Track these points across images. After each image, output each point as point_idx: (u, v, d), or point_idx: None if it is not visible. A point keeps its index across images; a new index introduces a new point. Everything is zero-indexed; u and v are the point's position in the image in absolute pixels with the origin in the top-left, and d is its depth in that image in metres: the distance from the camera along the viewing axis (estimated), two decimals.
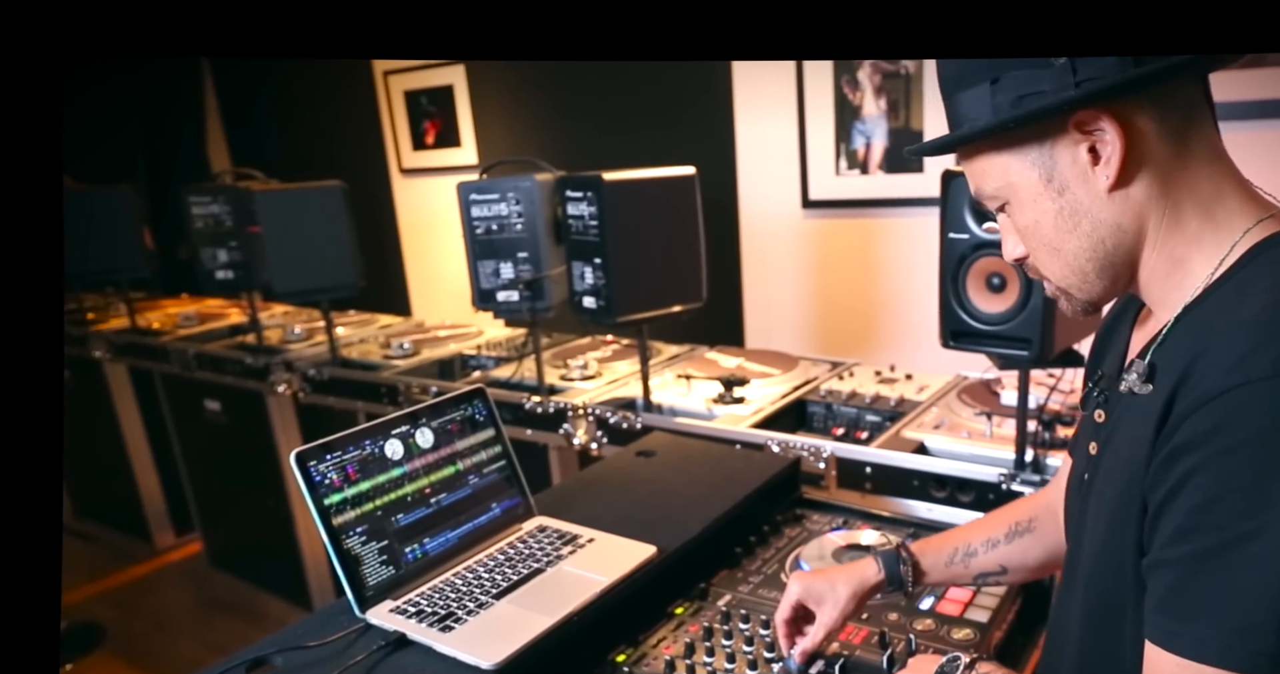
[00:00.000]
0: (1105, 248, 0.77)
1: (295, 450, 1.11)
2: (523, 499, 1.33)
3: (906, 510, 1.60)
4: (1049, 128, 0.75)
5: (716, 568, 1.29)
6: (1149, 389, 0.74)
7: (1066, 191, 0.76)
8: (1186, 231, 0.75)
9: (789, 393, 2.06)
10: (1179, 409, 0.68)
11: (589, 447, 2.11)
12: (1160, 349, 0.75)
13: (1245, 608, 0.62)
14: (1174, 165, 0.74)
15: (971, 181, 0.83)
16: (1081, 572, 0.82)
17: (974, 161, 0.81)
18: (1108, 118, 0.72)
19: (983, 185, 0.82)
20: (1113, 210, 0.75)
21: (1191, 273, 0.75)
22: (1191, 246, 0.75)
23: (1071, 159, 0.75)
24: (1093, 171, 0.74)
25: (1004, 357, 1.47)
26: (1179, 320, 0.75)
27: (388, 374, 2.56)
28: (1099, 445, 0.83)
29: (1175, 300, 0.76)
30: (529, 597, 1.13)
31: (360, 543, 1.13)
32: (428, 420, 1.25)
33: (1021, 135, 0.76)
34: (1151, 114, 0.73)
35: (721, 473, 1.46)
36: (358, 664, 1.01)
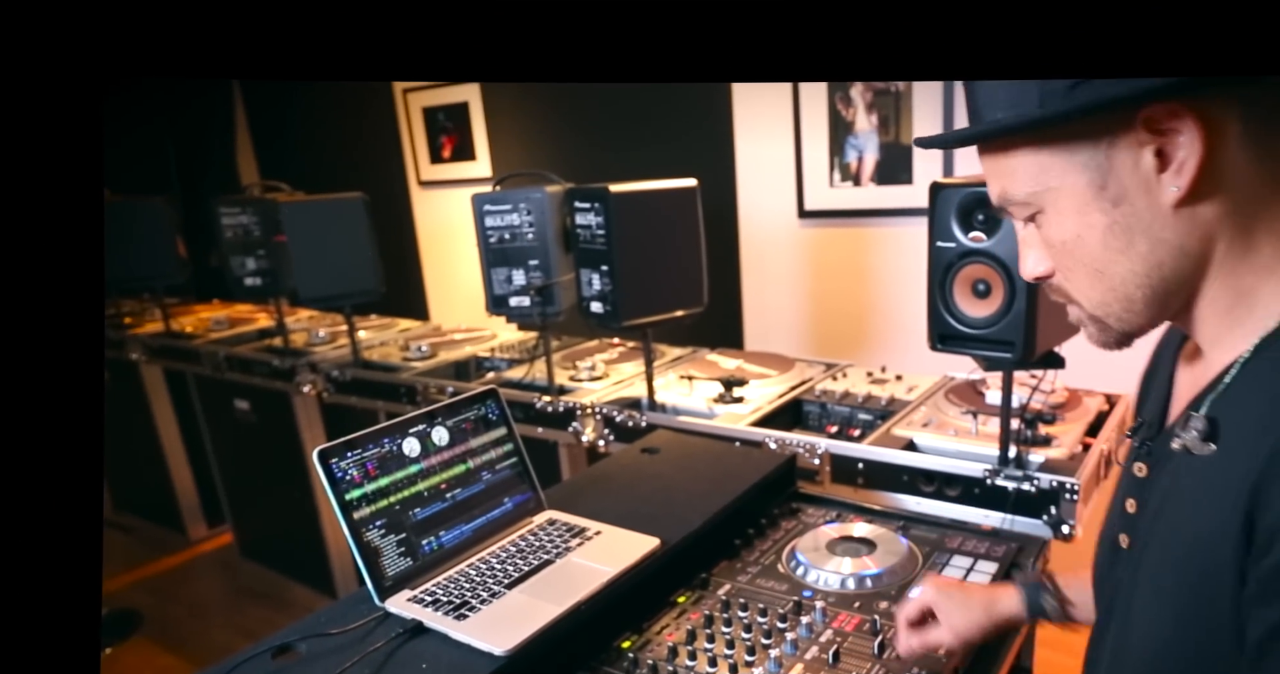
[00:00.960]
0: (1162, 273, 0.61)
1: (318, 448, 1.11)
2: (533, 494, 1.33)
3: (897, 504, 1.59)
4: (1111, 123, 0.59)
5: (717, 559, 1.29)
6: (1211, 450, 0.60)
7: (1123, 203, 0.60)
8: (1258, 259, 0.60)
9: (786, 393, 2.05)
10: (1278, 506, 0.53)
11: (596, 444, 2.10)
12: (1223, 401, 0.61)
13: None
14: (1254, 180, 0.58)
15: (995, 183, 0.67)
16: (1135, 660, 0.68)
17: (1004, 159, 0.64)
18: (1190, 115, 0.56)
19: (1012, 189, 0.65)
20: (1178, 229, 0.60)
21: (1257, 307, 0.61)
22: (1262, 277, 0.60)
23: (1134, 164, 0.59)
24: (1158, 180, 0.59)
25: (988, 359, 1.46)
26: (1247, 367, 0.60)
27: (406, 375, 2.56)
28: (1139, 504, 0.69)
29: (1234, 340, 0.62)
30: (539, 586, 1.12)
31: (379, 536, 1.13)
32: (443, 419, 1.25)
33: (1073, 130, 0.60)
34: (1238, 115, 0.57)
35: (721, 469, 1.45)
36: (377, 651, 1.01)
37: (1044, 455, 1.53)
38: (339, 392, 2.72)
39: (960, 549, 1.27)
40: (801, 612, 1.13)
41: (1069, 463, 1.51)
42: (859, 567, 1.22)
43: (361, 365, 2.73)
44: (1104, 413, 1.77)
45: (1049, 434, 1.60)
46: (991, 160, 0.66)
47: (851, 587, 1.19)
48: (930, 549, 1.27)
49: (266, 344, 3.15)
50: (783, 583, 1.21)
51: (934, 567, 1.23)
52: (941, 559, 1.24)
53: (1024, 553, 1.26)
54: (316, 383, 2.76)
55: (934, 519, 1.38)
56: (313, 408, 2.98)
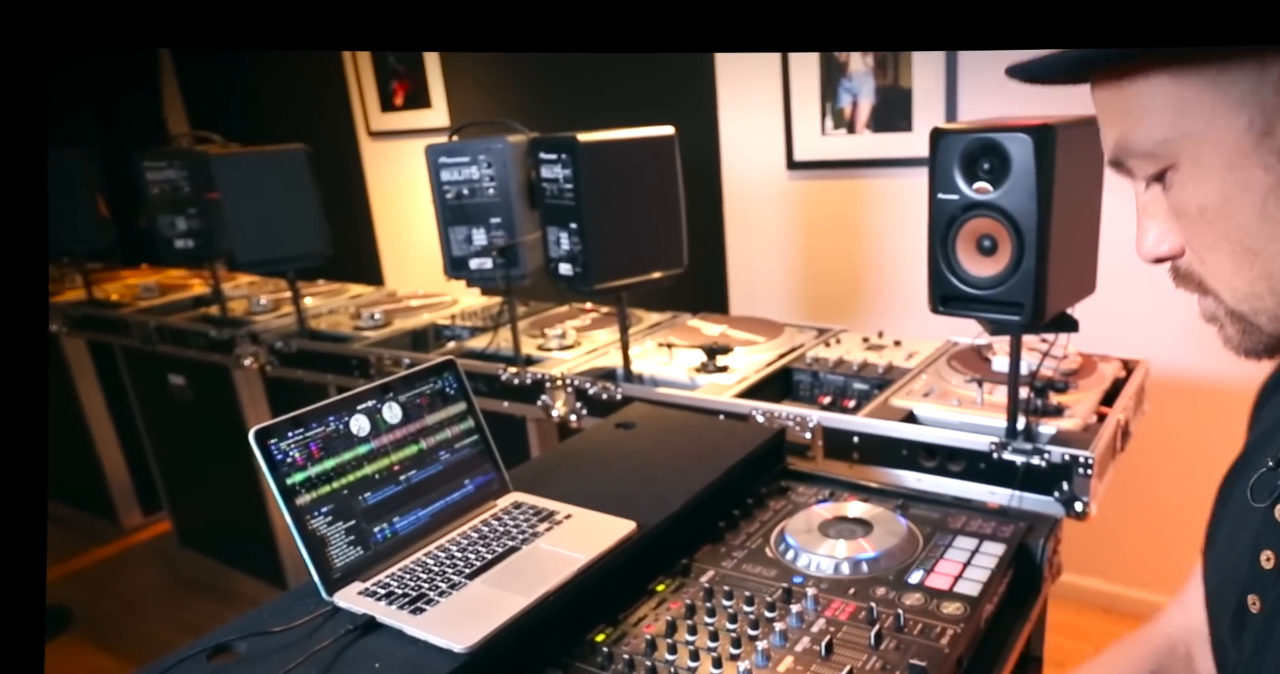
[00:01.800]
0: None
1: (255, 428, 1.08)
2: (497, 475, 1.31)
3: (895, 481, 1.59)
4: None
5: (699, 543, 1.28)
6: None
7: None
8: None
9: (774, 361, 2.05)
10: None
11: (568, 419, 2.10)
12: None
13: None
14: None
15: (1113, 127, 0.55)
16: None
17: (1129, 92, 0.53)
18: None
19: (1136, 134, 0.54)
20: None
21: None
22: None
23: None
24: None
25: (995, 322, 1.46)
26: None
27: (358, 346, 2.54)
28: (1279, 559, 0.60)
29: None
30: (504, 576, 1.11)
31: (326, 523, 1.11)
32: (395, 395, 1.23)
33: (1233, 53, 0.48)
34: None
35: (704, 444, 1.44)
36: (325, 649, 0.99)
37: (1055, 427, 1.53)
38: (284, 365, 2.69)
39: (964, 529, 1.27)
40: (792, 599, 1.12)
41: (1083, 435, 1.51)
42: (854, 550, 1.21)
43: (308, 336, 2.71)
44: (1120, 380, 1.78)
45: (1061, 403, 1.60)
46: (1110, 94, 0.54)
47: (846, 572, 1.18)
48: (932, 530, 1.27)
49: (202, 313, 3.11)
50: (771, 568, 1.21)
51: (936, 548, 1.22)
52: (944, 540, 1.24)
53: (1033, 533, 1.26)
54: (258, 355, 2.74)
55: (936, 497, 1.38)
56: (255, 383, 2.95)
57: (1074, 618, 0.94)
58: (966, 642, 1.04)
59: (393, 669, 0.96)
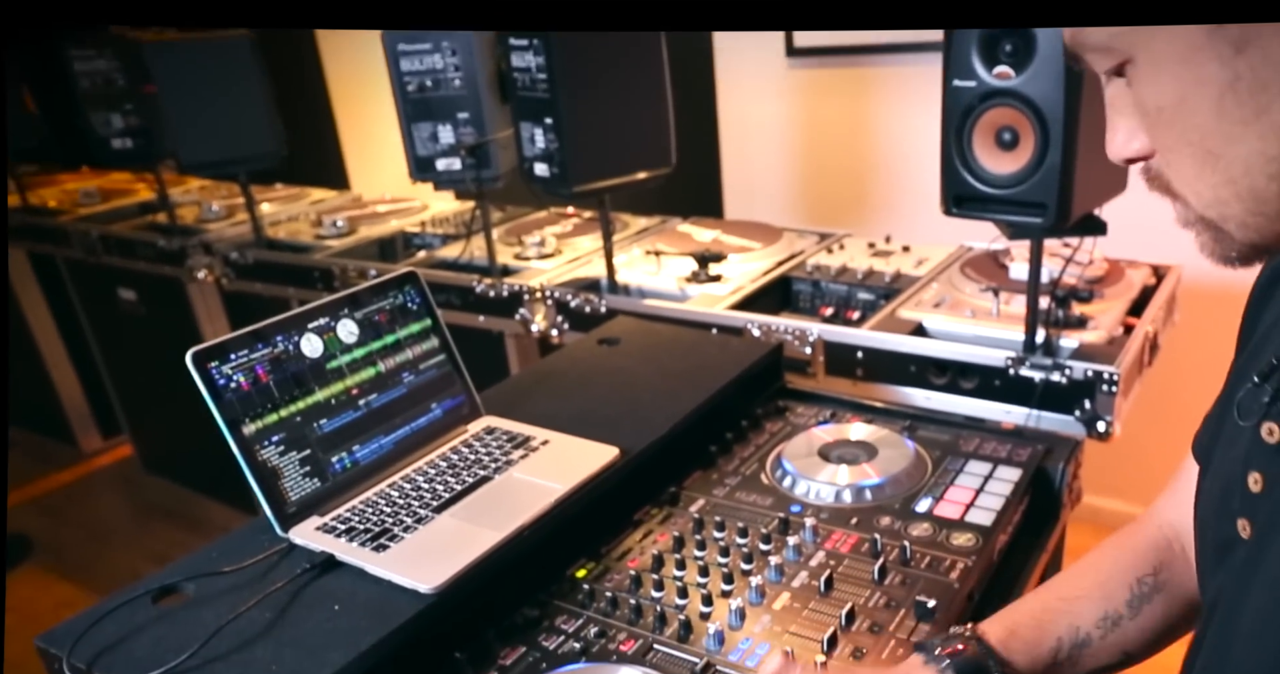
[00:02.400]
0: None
1: (191, 350, 1.04)
2: (466, 398, 1.28)
3: (903, 399, 1.58)
4: None
5: (688, 469, 1.26)
6: None
7: (1250, 48, 0.48)
8: None
9: (771, 269, 2.03)
10: None
11: (549, 334, 2.08)
12: None
13: None
14: None
15: None
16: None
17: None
18: None
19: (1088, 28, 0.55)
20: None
21: None
22: None
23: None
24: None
25: (1015, 224, 1.42)
26: None
27: (320, 256, 2.50)
28: (1267, 481, 0.61)
29: None
30: (474, 509, 1.09)
31: (277, 453, 1.08)
32: (350, 311, 1.18)
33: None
34: None
35: (694, 361, 1.42)
36: (280, 590, 0.97)
37: (1078, 339, 1.51)
38: (241, 277, 2.66)
39: (977, 453, 1.25)
40: (789, 531, 1.11)
41: (1107, 348, 1.49)
42: (857, 476, 1.19)
43: (266, 246, 2.67)
44: (1150, 288, 1.75)
45: (1084, 314, 1.58)
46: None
47: (848, 500, 1.16)
48: (941, 453, 1.25)
49: (149, 221, 3.04)
50: (767, 496, 1.19)
51: (946, 473, 1.20)
52: (955, 465, 1.22)
53: (1052, 456, 1.24)
54: (213, 267, 2.70)
55: (946, 417, 1.36)
56: (212, 297, 2.90)
57: (1092, 542, 0.92)
58: (978, 575, 1.02)
59: (353, 611, 0.94)
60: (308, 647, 0.89)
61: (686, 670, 0.91)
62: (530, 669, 0.94)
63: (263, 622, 0.93)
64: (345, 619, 0.93)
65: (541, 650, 0.96)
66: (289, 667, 0.86)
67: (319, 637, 0.90)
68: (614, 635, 0.97)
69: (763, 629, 0.95)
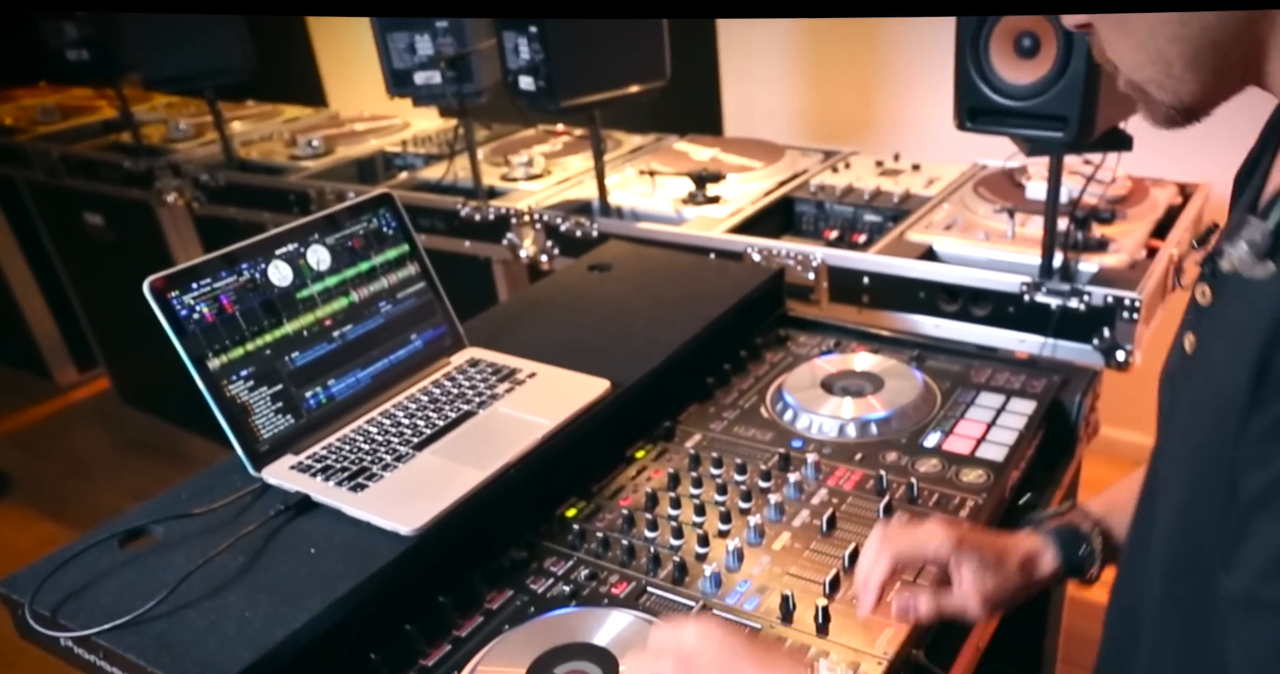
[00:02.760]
0: (1203, 23, 0.54)
1: (149, 279, 1.00)
2: (449, 328, 1.25)
3: (911, 327, 1.57)
4: None
5: (684, 403, 1.25)
6: (1269, 271, 0.54)
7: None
8: None
9: (773, 190, 2.00)
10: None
11: (539, 259, 2.06)
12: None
13: None
14: None
15: None
16: (1158, 533, 0.68)
17: None
18: None
19: None
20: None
21: None
22: None
23: None
24: None
25: (1033, 139, 1.39)
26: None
27: (295, 178, 2.45)
28: (1196, 342, 0.64)
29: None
30: (457, 446, 1.07)
31: (246, 389, 1.05)
32: (321, 237, 1.15)
33: None
34: None
35: (690, 288, 1.41)
36: (252, 533, 0.96)
37: (1098, 263, 1.49)
38: (212, 201, 2.61)
39: (989, 384, 1.23)
40: (789, 467, 1.10)
41: (1129, 273, 1.47)
42: (862, 409, 1.18)
43: (238, 167, 2.62)
44: (1175, 208, 1.72)
45: (1105, 237, 1.55)
46: None
47: (852, 434, 1.15)
48: (951, 385, 1.24)
49: (114, 141, 2.98)
50: (766, 431, 1.18)
51: (956, 406, 1.18)
52: (965, 397, 1.21)
53: (1068, 387, 1.22)
54: (183, 190, 2.65)
55: (957, 347, 1.35)
56: (184, 221, 2.85)
57: (1106, 475, 0.91)
58: (989, 513, 1.01)
59: (330, 555, 0.93)
60: (282, 593, 0.88)
61: (682, 614, 0.90)
62: (518, 613, 0.93)
63: (235, 566, 0.92)
64: (322, 563, 0.91)
65: (530, 594, 0.95)
66: (263, 613, 0.85)
67: (294, 582, 0.89)
68: (605, 578, 0.96)
69: (762, 571, 0.95)
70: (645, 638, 0.84)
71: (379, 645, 0.88)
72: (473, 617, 0.93)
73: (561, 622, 0.89)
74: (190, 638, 0.83)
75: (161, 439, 3.38)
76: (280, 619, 0.84)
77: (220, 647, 0.82)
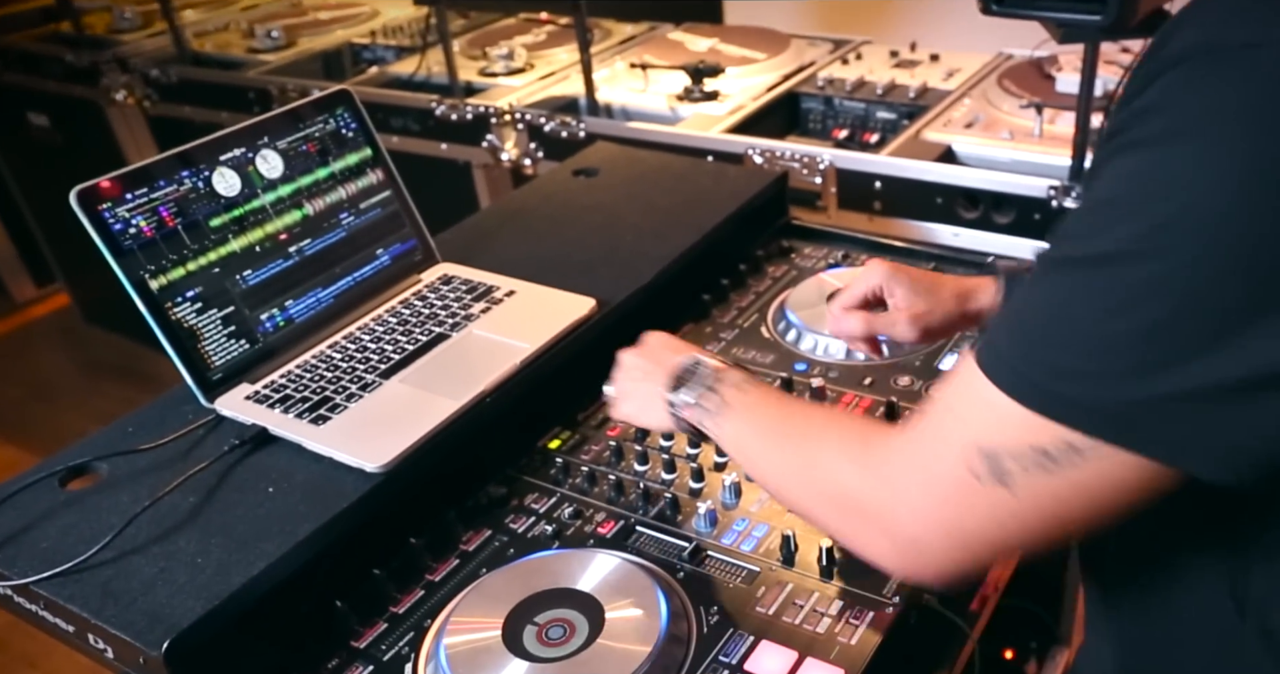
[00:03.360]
0: None
1: (76, 189, 0.95)
2: (418, 242, 1.21)
3: (927, 236, 1.56)
4: None
5: (678, 322, 1.23)
6: None
7: None
8: None
9: (777, 84, 1.99)
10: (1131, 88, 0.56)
11: (521, 163, 2.02)
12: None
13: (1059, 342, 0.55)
14: None
15: None
16: None
17: None
18: None
19: None
20: None
21: None
22: None
23: None
24: None
25: (1066, 24, 1.32)
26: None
27: (255, 73, 2.40)
28: None
29: None
30: (429, 373, 1.04)
31: (194, 312, 1.01)
32: (271, 140, 1.09)
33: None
34: None
35: (685, 195, 1.37)
36: (204, 470, 0.93)
37: None
38: (165, 99, 2.57)
39: None
40: (793, 392, 1.08)
41: None
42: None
43: (191, 61, 2.58)
44: None
45: None
46: None
47: (861, 357, 1.13)
48: None
49: (53, 30, 2.91)
50: (768, 352, 1.16)
51: None
52: None
53: None
54: (133, 87, 2.60)
55: (977, 258, 1.31)
56: (137, 122, 2.79)
57: None
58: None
59: (290, 494, 0.91)
60: (238, 536, 0.85)
61: (674, 556, 0.88)
62: (496, 555, 0.91)
63: (186, 507, 0.89)
64: (280, 503, 0.89)
65: (509, 533, 0.94)
66: (216, 559, 0.83)
67: (250, 524, 0.87)
68: (591, 516, 0.95)
69: (760, 508, 0.93)
70: (633, 584, 0.82)
71: (345, 592, 0.86)
72: (447, 559, 0.91)
73: (543, 565, 0.87)
74: (137, 587, 0.81)
75: (128, 359, 3.36)
76: (235, 566, 0.82)
77: (170, 596, 0.79)
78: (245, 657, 0.82)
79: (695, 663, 0.77)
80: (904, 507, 0.62)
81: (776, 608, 0.81)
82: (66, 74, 2.68)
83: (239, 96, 2.35)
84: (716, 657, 0.77)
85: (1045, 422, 0.54)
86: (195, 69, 2.50)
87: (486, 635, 0.79)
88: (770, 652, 0.77)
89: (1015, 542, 0.60)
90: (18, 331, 3.69)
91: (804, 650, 0.77)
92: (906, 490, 0.61)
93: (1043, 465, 0.55)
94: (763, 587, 0.84)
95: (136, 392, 3.17)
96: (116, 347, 3.43)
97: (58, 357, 3.55)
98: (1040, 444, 0.55)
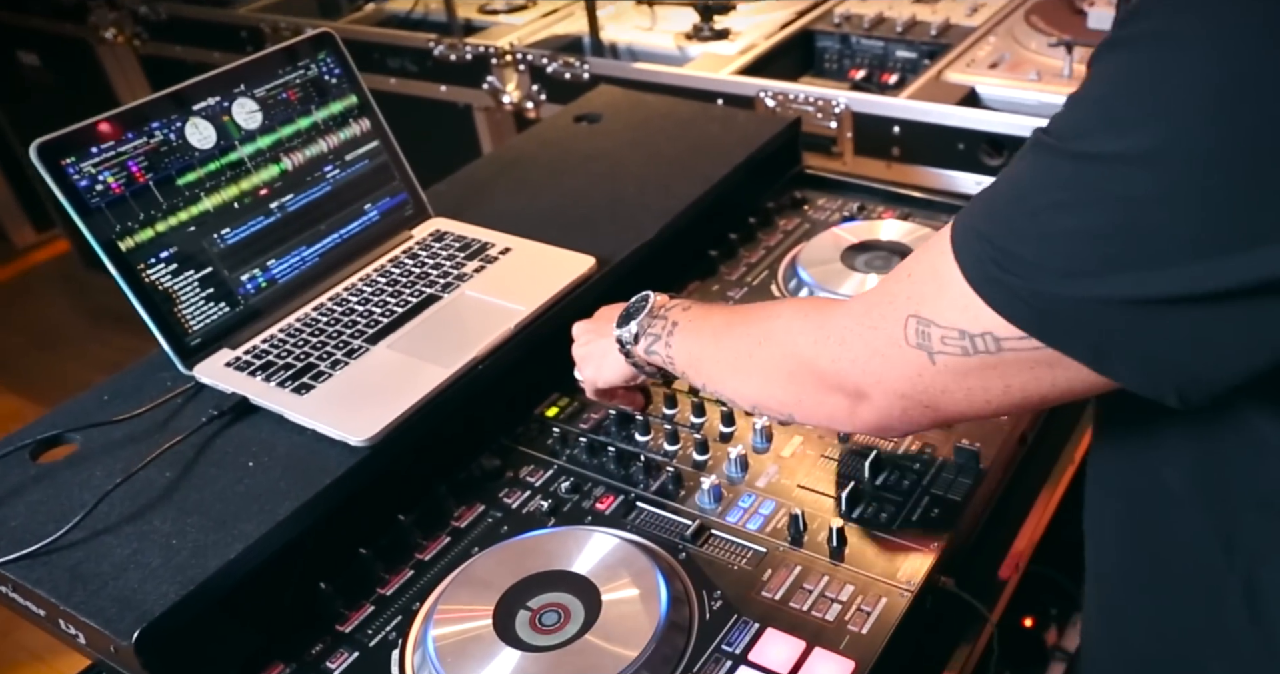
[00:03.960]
0: None
1: (36, 143, 0.91)
2: (409, 195, 1.17)
3: (948, 186, 1.52)
4: None
5: (684, 279, 1.19)
6: None
7: None
8: None
9: (790, 22, 1.94)
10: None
11: (524, 106, 1.96)
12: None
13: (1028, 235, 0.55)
14: None
15: None
16: None
17: None
18: None
19: None
20: None
21: None
22: None
23: None
24: None
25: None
26: None
27: (245, 10, 2.36)
28: None
29: None
30: (418, 338, 1.00)
31: (169, 273, 0.98)
32: (248, 88, 1.04)
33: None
34: None
35: (691, 142, 1.33)
36: (181, 443, 0.90)
37: None
38: (156, 38, 2.53)
39: None
40: None
41: None
42: None
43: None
44: None
45: None
46: None
47: None
48: None
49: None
50: None
51: None
52: None
53: None
54: (122, 25, 2.55)
55: None
56: (129, 61, 2.75)
57: None
58: (1032, 414, 0.96)
59: (271, 469, 0.87)
60: (215, 515, 0.82)
61: (676, 534, 0.84)
62: (489, 532, 0.87)
63: (161, 483, 0.86)
64: (261, 479, 0.86)
65: (503, 509, 0.90)
66: (192, 540, 0.80)
67: (229, 502, 0.84)
68: (590, 491, 0.91)
69: (768, 482, 0.89)
70: (632, 566, 0.78)
71: (330, 574, 0.83)
72: (438, 537, 0.87)
73: (537, 544, 0.83)
74: (108, 570, 0.78)
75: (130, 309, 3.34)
76: (212, 547, 0.79)
77: (143, 580, 0.76)
78: (222, 643, 0.79)
79: (696, 652, 0.73)
80: (848, 356, 0.65)
81: (784, 593, 0.77)
82: (53, 10, 2.64)
83: (230, 36, 2.31)
84: (719, 646, 0.74)
85: (981, 306, 0.56)
86: (184, 5, 2.44)
87: (478, 623, 0.75)
88: (776, 641, 0.73)
89: (940, 405, 0.62)
90: (19, 278, 3.67)
91: (812, 640, 0.73)
92: (854, 344, 0.65)
93: (963, 348, 0.58)
94: (769, 569, 0.80)
95: (139, 341, 3.14)
96: (118, 293, 3.40)
97: (59, 303, 3.53)
98: (967, 329, 0.57)
